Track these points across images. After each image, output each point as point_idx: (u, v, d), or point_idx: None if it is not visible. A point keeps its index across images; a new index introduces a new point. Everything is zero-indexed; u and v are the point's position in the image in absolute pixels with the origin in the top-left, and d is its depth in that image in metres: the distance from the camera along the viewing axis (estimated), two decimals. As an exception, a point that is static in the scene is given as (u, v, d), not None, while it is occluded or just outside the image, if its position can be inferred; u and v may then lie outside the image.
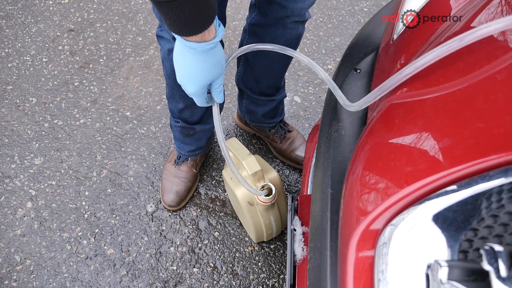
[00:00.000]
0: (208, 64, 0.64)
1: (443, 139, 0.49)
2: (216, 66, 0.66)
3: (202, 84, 0.68)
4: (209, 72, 0.66)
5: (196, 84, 0.67)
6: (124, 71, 1.81)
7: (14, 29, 1.98)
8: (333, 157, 0.72)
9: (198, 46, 0.60)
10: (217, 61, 0.65)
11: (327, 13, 2.09)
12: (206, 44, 0.60)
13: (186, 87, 0.70)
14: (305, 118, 1.66)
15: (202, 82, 0.67)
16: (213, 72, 0.66)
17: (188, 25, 0.57)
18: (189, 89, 0.70)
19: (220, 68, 0.67)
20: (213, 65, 0.65)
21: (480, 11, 0.65)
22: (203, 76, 0.66)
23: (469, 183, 0.45)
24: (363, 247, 0.51)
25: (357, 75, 0.82)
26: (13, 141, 1.56)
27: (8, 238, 1.33)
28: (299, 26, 1.11)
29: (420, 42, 0.67)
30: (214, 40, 0.61)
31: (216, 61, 0.65)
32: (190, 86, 0.69)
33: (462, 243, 0.45)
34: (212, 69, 0.65)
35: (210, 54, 0.63)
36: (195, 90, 0.69)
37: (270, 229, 1.23)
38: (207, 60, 0.63)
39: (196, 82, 0.67)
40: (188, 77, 0.67)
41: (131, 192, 1.44)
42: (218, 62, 0.65)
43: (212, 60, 0.64)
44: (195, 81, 0.67)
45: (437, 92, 0.54)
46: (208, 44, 0.61)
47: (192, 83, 0.67)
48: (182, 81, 0.69)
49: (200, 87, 0.68)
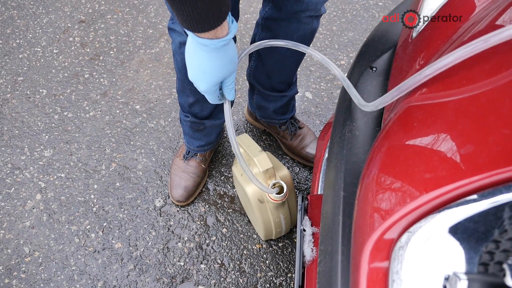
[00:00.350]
0: (220, 61, 0.63)
1: (465, 145, 0.47)
2: (229, 63, 0.64)
3: (214, 82, 0.66)
4: (222, 69, 0.64)
5: (208, 81, 0.66)
6: (134, 64, 1.80)
7: (25, 19, 1.98)
8: (346, 158, 0.70)
9: (211, 43, 0.59)
10: (230, 58, 0.64)
11: (341, 7, 2.05)
12: (219, 41, 0.59)
13: (198, 84, 0.68)
14: (317, 114, 1.63)
15: (214, 79, 0.66)
16: (226, 69, 0.65)
17: (201, 21, 0.55)
18: (201, 86, 0.68)
19: (233, 66, 0.66)
20: (226, 62, 0.64)
21: (504, 11, 0.62)
22: (216, 73, 0.65)
23: (492, 193, 0.43)
24: (377, 255, 0.49)
25: (373, 73, 0.80)
26: (23, 132, 1.57)
27: (17, 230, 1.33)
28: (314, 21, 1.08)
29: (441, 41, 0.64)
30: (227, 37, 0.60)
31: (229, 58, 0.63)
32: (202, 84, 0.67)
33: (483, 255, 0.43)
34: (224, 66, 0.64)
35: (223, 51, 0.61)
36: (207, 88, 0.68)
37: (279, 227, 1.21)
38: (220, 57, 0.62)
39: (208, 79, 0.66)
40: (201, 75, 0.65)
41: (139, 186, 1.43)
42: (230, 59, 0.64)
43: (225, 57, 0.63)
44: (207, 79, 0.66)
45: (460, 94, 0.52)
46: (221, 40, 0.59)
47: (205, 80, 0.66)
48: (194, 78, 0.68)
49: (212, 85, 0.67)
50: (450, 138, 0.49)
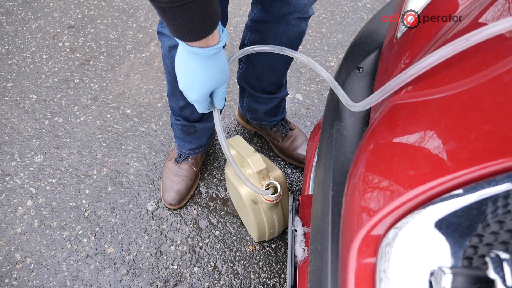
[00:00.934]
0: (211, 70, 0.63)
1: (448, 142, 0.48)
2: (220, 72, 0.64)
3: (205, 91, 0.66)
4: (213, 78, 0.64)
5: (199, 90, 0.66)
6: (124, 68, 1.79)
7: (14, 25, 1.97)
8: (334, 158, 0.71)
9: (202, 52, 0.59)
10: (221, 66, 0.64)
11: (330, 9, 2.06)
12: (210, 49, 0.59)
13: (188, 93, 0.68)
14: (307, 116, 1.65)
15: (205, 88, 0.65)
16: (217, 78, 0.65)
17: (192, 30, 0.55)
18: (191, 95, 0.68)
19: (224, 74, 0.65)
20: (217, 71, 0.63)
21: (486, 10, 0.63)
22: (207, 83, 0.64)
23: (474, 188, 0.44)
24: (364, 252, 0.50)
25: (359, 73, 0.81)
26: (13, 138, 1.56)
27: (8, 236, 1.32)
28: (302, 23, 1.09)
29: (425, 41, 0.65)
30: (218, 45, 0.60)
31: (219, 67, 0.63)
32: (193, 93, 0.67)
33: (467, 250, 0.44)
34: (215, 75, 0.64)
35: (214, 60, 0.61)
36: (198, 97, 0.67)
37: (273, 228, 1.22)
38: (211, 66, 0.62)
39: (199, 88, 0.65)
40: (191, 84, 0.65)
41: (131, 190, 1.43)
42: (222, 67, 0.64)
43: (215, 66, 0.62)
44: (198, 88, 0.65)
45: (442, 93, 0.53)
46: (212, 49, 0.59)
47: (195, 89, 0.66)
48: (185, 88, 0.67)
49: (203, 94, 0.66)
50: (433, 135, 0.50)
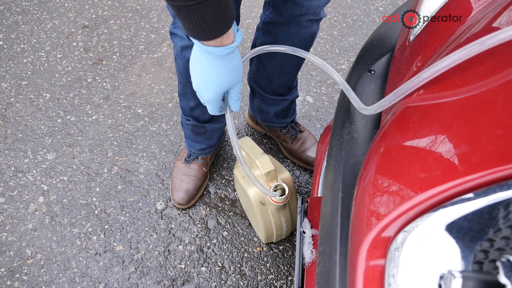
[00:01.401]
0: (225, 69, 0.63)
1: (459, 145, 0.48)
2: (234, 72, 0.64)
3: (218, 91, 0.66)
4: (227, 77, 0.64)
5: (213, 90, 0.65)
6: (136, 68, 1.81)
7: (30, 25, 2.00)
8: (344, 160, 0.71)
9: (217, 51, 0.59)
10: (235, 66, 0.64)
11: (342, 12, 2.06)
12: (224, 49, 0.59)
13: (202, 93, 0.68)
14: (317, 118, 1.64)
15: (219, 88, 0.65)
16: (231, 78, 0.65)
17: (207, 29, 0.56)
18: (204, 95, 0.68)
19: (238, 75, 0.65)
20: (230, 71, 0.63)
21: (501, 13, 0.63)
22: (220, 82, 0.64)
23: (486, 192, 0.43)
24: (373, 254, 0.50)
25: (371, 76, 0.81)
26: (26, 136, 1.58)
27: (20, 232, 1.34)
28: (314, 25, 1.10)
29: (438, 44, 0.65)
30: (232, 44, 0.60)
31: (234, 66, 0.63)
32: (206, 92, 0.67)
33: (477, 254, 0.44)
34: (229, 75, 0.64)
35: (228, 59, 0.61)
36: (211, 97, 0.67)
37: (280, 230, 1.22)
38: (225, 65, 0.62)
39: (212, 88, 0.65)
40: (205, 83, 0.65)
41: (141, 189, 1.44)
42: (235, 67, 0.64)
43: (229, 65, 0.63)
44: (212, 87, 0.65)
45: (455, 96, 0.53)
46: (226, 48, 0.59)
47: (209, 89, 0.65)
48: (198, 87, 0.67)
49: (217, 94, 0.66)
50: (444, 138, 0.49)
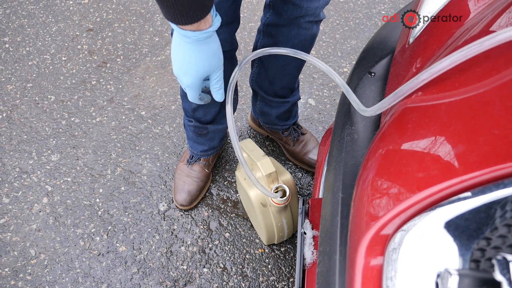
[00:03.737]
0: (204, 54, 0.63)
1: (457, 145, 0.48)
2: (212, 57, 0.65)
3: (197, 75, 0.66)
4: (205, 62, 0.64)
5: (192, 74, 0.66)
6: (140, 71, 1.83)
7: (35, 28, 2.03)
8: (345, 161, 0.71)
9: (193, 35, 0.60)
10: (213, 51, 0.64)
11: (344, 15, 2.07)
12: (201, 33, 0.60)
13: (181, 78, 0.68)
14: (319, 121, 1.65)
15: (198, 72, 0.66)
16: (209, 63, 0.65)
17: (184, 14, 0.56)
18: (184, 80, 0.68)
19: (217, 61, 0.66)
20: (209, 56, 0.64)
21: (500, 15, 0.64)
22: (199, 67, 0.65)
23: (482, 191, 0.44)
24: (372, 253, 0.50)
25: (371, 78, 0.81)
26: (31, 137, 1.60)
27: (24, 232, 1.35)
28: (314, 26, 1.10)
29: (437, 46, 0.66)
30: (210, 29, 0.61)
31: (212, 51, 0.64)
32: (185, 77, 0.67)
33: (474, 252, 0.44)
34: (208, 60, 0.64)
35: (206, 44, 0.62)
36: (191, 82, 0.68)
37: (282, 232, 1.22)
38: (203, 50, 0.63)
39: (191, 73, 0.66)
40: (184, 68, 0.66)
41: (144, 190, 1.45)
42: (214, 52, 0.64)
43: (208, 50, 0.63)
44: (190, 72, 0.66)
45: (452, 97, 0.53)
46: (203, 32, 0.60)
47: (188, 73, 0.66)
48: (178, 72, 0.67)
49: (196, 79, 0.67)
50: (442, 138, 0.50)
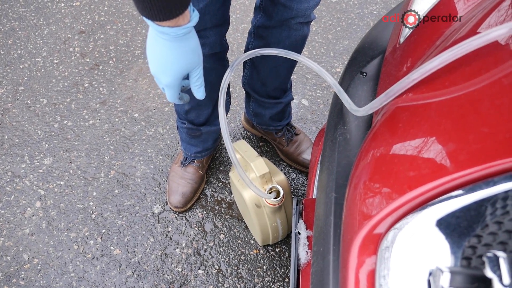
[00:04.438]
0: (182, 51, 0.61)
1: (447, 144, 0.49)
2: (191, 54, 0.63)
3: (176, 74, 0.64)
4: (184, 60, 0.62)
5: (170, 74, 0.64)
6: (133, 73, 1.82)
7: (26, 31, 2.01)
8: (337, 161, 0.72)
9: (171, 31, 0.58)
10: (192, 48, 0.62)
11: (336, 16, 2.08)
12: (179, 29, 0.58)
13: (160, 77, 0.65)
14: (313, 121, 1.65)
15: (176, 71, 0.63)
16: (188, 60, 0.63)
17: (162, 9, 0.54)
18: (162, 79, 0.65)
19: (196, 57, 0.64)
20: (187, 52, 0.62)
21: (489, 14, 0.64)
22: (178, 65, 0.63)
23: (472, 189, 0.44)
24: (365, 252, 0.50)
25: (363, 78, 0.82)
26: (23, 141, 1.59)
27: (17, 237, 1.34)
28: (304, 27, 1.11)
29: (427, 46, 0.66)
30: (188, 24, 0.59)
31: (191, 48, 0.62)
32: (164, 76, 0.64)
33: (466, 250, 0.45)
34: (187, 57, 0.62)
35: (184, 40, 0.60)
36: (170, 81, 0.65)
37: (276, 232, 1.22)
38: (181, 46, 0.61)
39: (170, 71, 0.63)
40: (162, 66, 0.63)
41: (138, 193, 1.45)
42: (193, 49, 0.62)
43: (186, 47, 0.61)
44: (169, 71, 0.63)
45: (442, 96, 0.54)
46: (182, 28, 0.58)
47: (167, 72, 0.64)
48: (156, 71, 0.65)
49: (175, 78, 0.64)
50: (433, 137, 0.50)
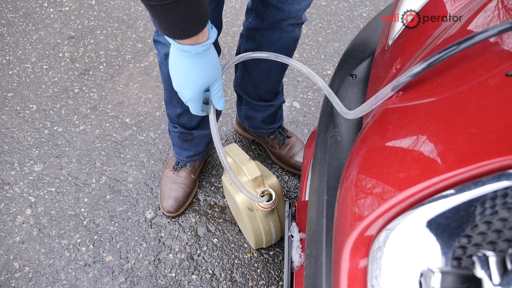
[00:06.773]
0: (202, 66, 0.65)
1: (436, 145, 0.49)
2: (211, 69, 0.66)
3: (198, 88, 0.68)
4: (205, 75, 0.66)
5: (193, 88, 0.68)
6: (124, 78, 1.81)
7: (15, 36, 2.00)
8: (329, 163, 0.72)
9: (192, 49, 0.61)
10: (212, 63, 0.66)
11: (326, 18, 2.09)
12: (199, 46, 0.61)
13: (182, 92, 0.70)
14: (304, 123, 1.66)
15: (198, 86, 0.67)
16: (209, 75, 0.67)
17: (183, 28, 0.58)
18: (185, 94, 0.70)
19: (216, 72, 0.67)
20: (208, 68, 0.65)
21: (476, 15, 0.65)
22: (199, 80, 0.66)
23: (461, 189, 0.45)
24: (356, 254, 0.51)
25: (353, 80, 0.82)
26: (13, 148, 1.57)
27: (7, 245, 1.33)
28: (296, 29, 1.11)
29: (415, 47, 0.67)
30: (207, 41, 0.62)
31: (211, 63, 0.65)
32: (186, 91, 0.69)
33: (456, 250, 0.45)
34: (207, 72, 0.66)
35: (204, 56, 0.64)
36: (192, 95, 0.69)
37: (270, 235, 1.22)
38: (202, 62, 0.64)
39: (192, 86, 0.67)
40: (184, 82, 0.67)
41: (130, 198, 1.43)
42: (213, 64, 0.66)
43: (206, 62, 0.65)
44: (191, 85, 0.67)
45: (431, 97, 0.54)
46: (201, 46, 0.61)
47: (189, 87, 0.68)
48: (178, 87, 0.69)
49: (197, 92, 0.68)
50: (422, 138, 0.51)
